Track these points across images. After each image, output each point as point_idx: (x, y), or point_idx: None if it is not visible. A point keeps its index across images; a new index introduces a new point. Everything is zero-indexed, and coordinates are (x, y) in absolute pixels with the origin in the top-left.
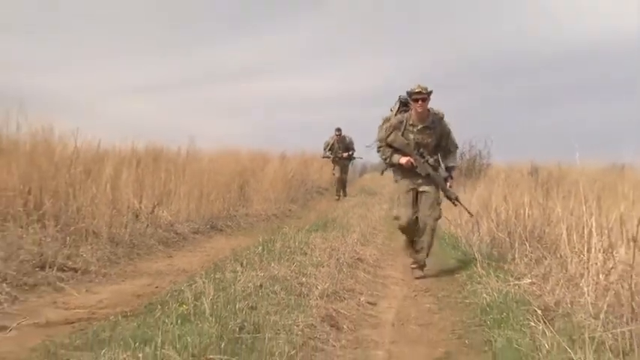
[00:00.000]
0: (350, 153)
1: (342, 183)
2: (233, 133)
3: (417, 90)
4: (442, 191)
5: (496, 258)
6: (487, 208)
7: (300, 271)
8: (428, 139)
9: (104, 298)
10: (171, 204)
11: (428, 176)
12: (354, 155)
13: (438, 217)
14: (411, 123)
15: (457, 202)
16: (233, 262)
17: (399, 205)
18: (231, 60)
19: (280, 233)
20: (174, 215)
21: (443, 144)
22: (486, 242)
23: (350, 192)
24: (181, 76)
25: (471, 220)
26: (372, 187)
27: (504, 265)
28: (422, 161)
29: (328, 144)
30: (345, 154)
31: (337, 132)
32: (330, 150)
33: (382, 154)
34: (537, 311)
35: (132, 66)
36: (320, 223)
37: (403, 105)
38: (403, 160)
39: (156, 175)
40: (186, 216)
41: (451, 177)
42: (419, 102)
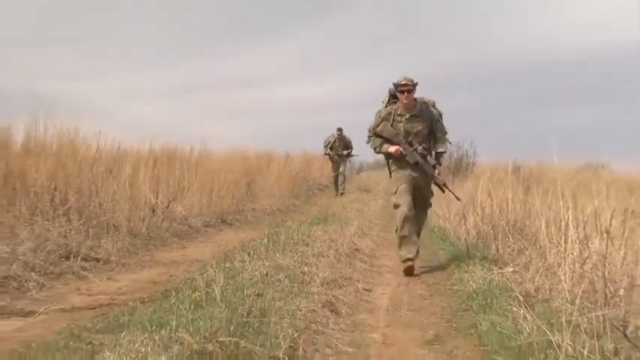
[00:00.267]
0: (349, 151)
1: (342, 178)
2: (241, 135)
3: (403, 82)
4: (430, 178)
5: (481, 249)
6: (473, 203)
7: (302, 261)
8: (418, 127)
9: (124, 286)
10: (184, 199)
11: (416, 164)
12: (352, 153)
13: (429, 206)
14: (399, 113)
15: (445, 188)
16: (241, 253)
17: (399, 194)
18: (238, 68)
19: (284, 226)
20: (187, 210)
21: (434, 130)
22: (472, 234)
23: (348, 189)
24: (194, 83)
25: (459, 214)
26: (368, 185)
27: (489, 256)
28: (410, 149)
29: (329, 142)
30: (345, 152)
31: (338, 131)
32: (331, 148)
33: (372, 144)
34: (519, 297)
35: (149, 74)
36: (321, 217)
37: (393, 97)
38: (392, 149)
39: (171, 173)
40: (198, 210)
41: (439, 163)
42: (404, 93)
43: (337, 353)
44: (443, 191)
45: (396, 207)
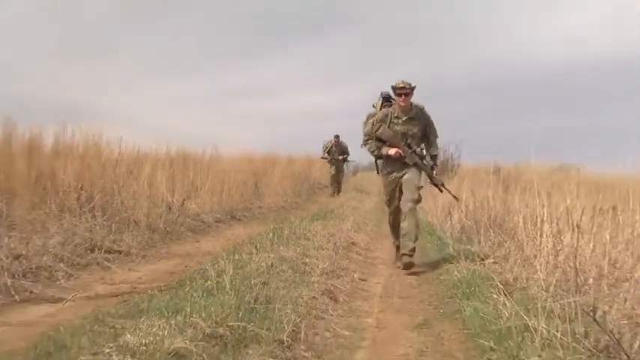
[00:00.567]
0: (345, 156)
1: (338, 181)
2: (248, 140)
3: (401, 85)
4: (429, 178)
5: (465, 242)
6: (458, 201)
7: (304, 253)
8: (414, 130)
9: (143, 275)
10: (197, 198)
11: (415, 165)
12: (348, 158)
13: (418, 201)
14: (396, 115)
15: (443, 188)
16: (249, 246)
17: (389, 191)
18: (247, 80)
19: (288, 222)
20: (200, 207)
21: (427, 133)
22: (457, 229)
23: (344, 189)
24: (206, 93)
25: (444, 211)
26: (363, 185)
27: (472, 248)
28: (409, 151)
29: (327, 147)
30: (341, 157)
31: (336, 138)
32: (329, 152)
33: (370, 148)
34: (499, 286)
35: (165, 85)
36: (320, 214)
37: (386, 100)
38: (392, 152)
39: (185, 174)
40: (210, 208)
41: (435, 164)
42: (402, 96)
43: (335, 336)
44: (441, 191)
45: (386, 203)
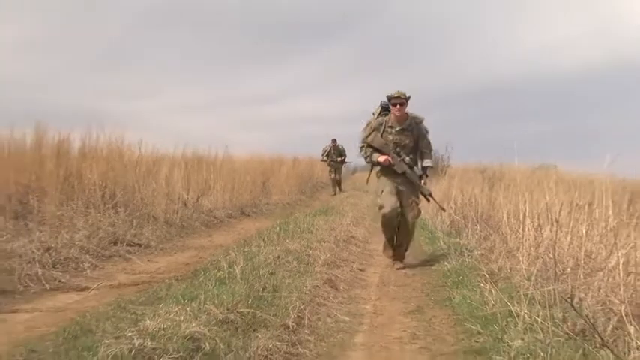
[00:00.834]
0: (342, 158)
1: (337, 182)
2: (257, 142)
3: (396, 95)
4: (417, 188)
5: (454, 235)
6: (447, 198)
7: (307, 246)
8: (406, 141)
9: (161, 266)
10: (210, 195)
11: (404, 174)
12: (346, 160)
13: (417, 216)
14: (390, 125)
15: (430, 198)
16: (257, 239)
17: (384, 194)
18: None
19: (293, 217)
20: (213, 204)
21: (420, 146)
22: (447, 224)
23: (344, 187)
24: (218, 99)
25: (436, 207)
26: (362, 184)
27: (460, 241)
28: (398, 160)
29: (325, 150)
30: (339, 160)
31: (333, 142)
32: (327, 156)
33: (364, 154)
34: (485, 275)
35: (182, 91)
36: (322, 210)
37: (384, 109)
38: (382, 159)
39: (199, 174)
40: (222, 204)
41: (426, 175)
42: (397, 106)
43: (336, 321)
44: (428, 201)
45: (380, 208)
